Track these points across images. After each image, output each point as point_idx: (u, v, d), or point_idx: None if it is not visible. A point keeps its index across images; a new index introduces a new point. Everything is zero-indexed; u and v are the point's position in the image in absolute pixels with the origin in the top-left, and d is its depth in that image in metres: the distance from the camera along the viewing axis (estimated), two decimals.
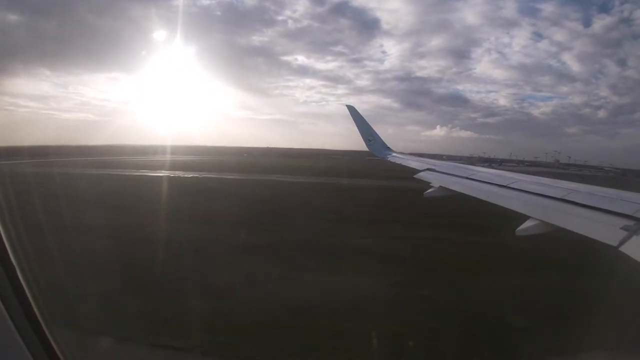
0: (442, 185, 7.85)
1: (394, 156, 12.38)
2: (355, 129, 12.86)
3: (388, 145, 13.05)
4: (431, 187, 8.12)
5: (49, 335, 2.27)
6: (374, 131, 13.00)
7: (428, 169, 9.43)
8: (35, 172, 36.42)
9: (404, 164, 11.71)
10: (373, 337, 8.90)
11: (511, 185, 6.25)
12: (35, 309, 2.22)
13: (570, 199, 4.92)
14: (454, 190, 7.48)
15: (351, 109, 13.35)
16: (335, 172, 62.88)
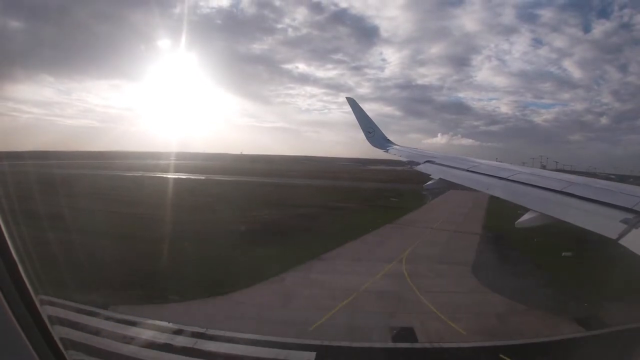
0: (442, 178, 7.84)
1: (393, 148, 12.32)
2: (356, 135, 12.70)
3: (388, 138, 12.98)
4: (431, 179, 8.12)
5: (52, 332, 2.29)
6: (374, 124, 12.91)
7: (428, 161, 9.39)
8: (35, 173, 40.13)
9: (403, 155, 11.67)
10: None
11: (511, 178, 6.22)
12: (38, 307, 2.23)
13: (570, 192, 4.90)
14: (454, 182, 7.48)
15: (351, 101, 13.24)
16: (260, 173, 76.11)
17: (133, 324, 11.32)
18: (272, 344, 10.78)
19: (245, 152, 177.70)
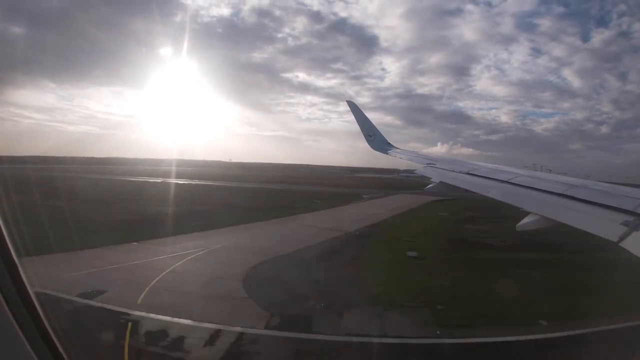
0: (442, 181, 7.84)
1: (394, 151, 12.34)
2: (356, 144, 12.87)
3: (388, 141, 13.00)
4: (431, 182, 8.13)
5: (51, 333, 2.28)
6: (374, 127, 12.93)
7: (429, 164, 9.39)
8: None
9: (404, 158, 11.68)
10: None
11: (512, 181, 6.21)
12: (38, 307, 2.23)
13: (570, 195, 4.89)
14: (454, 186, 7.47)
15: (352, 105, 13.28)
16: (225, 178, 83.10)
17: None
18: None
19: (234, 160, 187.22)
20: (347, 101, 13.41)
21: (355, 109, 13.10)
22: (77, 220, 24.19)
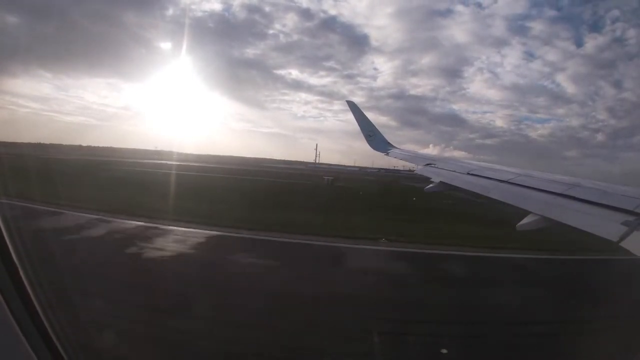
0: (442, 181, 7.83)
1: (394, 151, 12.33)
2: (352, 143, 12.86)
3: (388, 141, 13.00)
4: (431, 182, 8.11)
5: (51, 334, 2.27)
6: (374, 127, 12.93)
7: (428, 164, 9.38)
8: None
9: (403, 158, 11.68)
10: None
11: (512, 181, 6.21)
12: (38, 308, 2.22)
13: (571, 194, 4.89)
14: (454, 186, 7.46)
15: (351, 105, 13.27)
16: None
17: None
18: None
19: (159, 148, 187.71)
20: (346, 101, 13.39)
21: (355, 108, 13.10)
22: None
